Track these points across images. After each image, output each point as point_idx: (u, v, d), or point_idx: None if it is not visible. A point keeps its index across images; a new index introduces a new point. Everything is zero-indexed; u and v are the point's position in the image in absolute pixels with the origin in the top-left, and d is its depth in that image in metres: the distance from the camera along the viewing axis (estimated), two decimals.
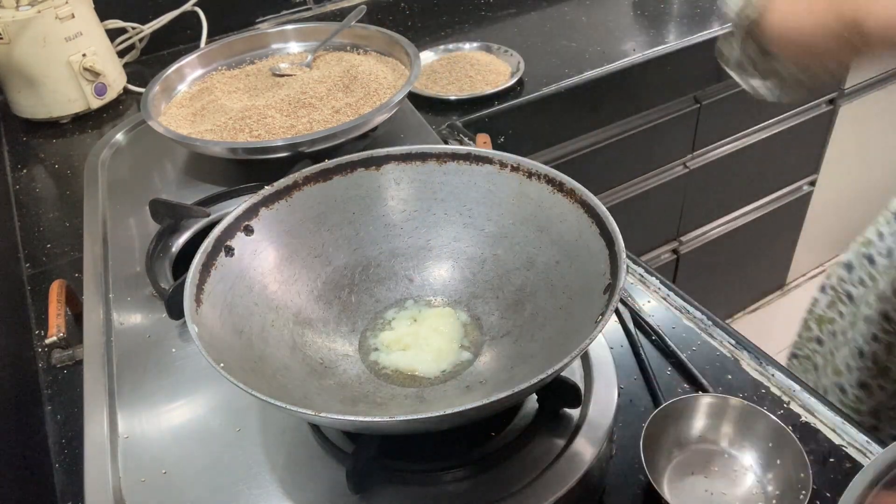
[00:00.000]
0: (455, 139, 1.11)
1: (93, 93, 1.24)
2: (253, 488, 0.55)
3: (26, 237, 1.01)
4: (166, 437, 0.60)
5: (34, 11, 1.16)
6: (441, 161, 0.66)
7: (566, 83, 1.25)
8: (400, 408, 0.56)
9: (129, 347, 0.68)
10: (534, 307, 0.61)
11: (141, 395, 0.64)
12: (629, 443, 0.63)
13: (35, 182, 1.13)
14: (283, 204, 0.63)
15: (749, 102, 1.51)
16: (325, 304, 0.63)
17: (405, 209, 0.67)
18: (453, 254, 0.66)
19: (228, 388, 0.47)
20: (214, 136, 0.91)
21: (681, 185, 1.57)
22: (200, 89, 1.03)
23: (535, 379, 0.45)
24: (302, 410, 0.45)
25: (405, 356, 0.60)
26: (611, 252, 0.55)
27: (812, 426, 0.64)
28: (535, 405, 0.57)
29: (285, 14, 1.55)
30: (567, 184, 0.60)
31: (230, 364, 0.49)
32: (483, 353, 0.60)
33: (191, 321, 0.51)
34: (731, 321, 1.88)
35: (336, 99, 0.94)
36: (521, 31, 1.43)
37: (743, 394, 0.67)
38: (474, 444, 0.55)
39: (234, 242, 0.59)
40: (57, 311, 0.75)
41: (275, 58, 1.10)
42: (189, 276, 0.54)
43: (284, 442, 0.57)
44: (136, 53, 1.43)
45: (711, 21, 1.40)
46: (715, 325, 0.75)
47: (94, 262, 0.79)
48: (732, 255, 1.80)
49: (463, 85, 1.24)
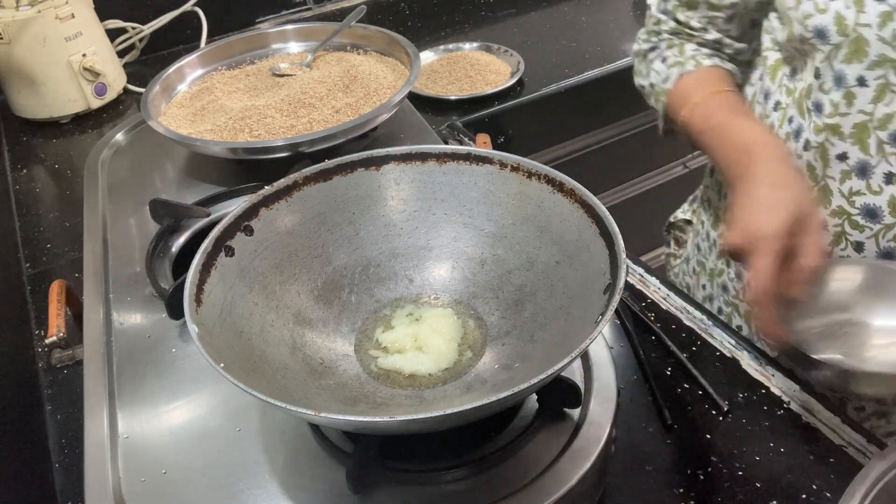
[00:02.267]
0: (455, 139, 1.11)
1: (93, 93, 1.24)
2: (253, 488, 0.55)
3: (26, 237, 1.01)
4: (166, 437, 0.60)
5: (34, 11, 1.16)
6: (441, 161, 0.66)
7: (566, 83, 1.25)
8: (400, 408, 0.56)
9: (129, 347, 0.68)
10: (534, 307, 0.61)
11: (141, 395, 0.64)
12: (629, 443, 0.63)
13: (35, 182, 1.13)
14: (283, 204, 0.63)
15: None
16: (325, 304, 0.63)
17: (405, 209, 0.67)
18: (453, 254, 0.66)
19: (228, 388, 0.47)
20: (214, 136, 0.91)
21: (681, 185, 1.57)
22: (200, 89, 1.03)
23: (535, 379, 0.45)
24: (302, 410, 0.45)
25: (405, 356, 0.60)
26: (611, 252, 0.55)
27: (812, 426, 0.64)
28: (535, 405, 0.57)
29: (285, 14, 1.55)
30: (567, 184, 0.60)
31: (230, 364, 0.49)
32: (483, 354, 0.60)
33: (191, 321, 0.51)
34: None
35: (336, 99, 0.94)
36: (521, 31, 1.43)
37: (743, 394, 0.67)
38: (474, 444, 0.55)
39: (234, 242, 0.59)
40: (57, 311, 0.75)
41: (275, 58, 1.10)
42: (189, 276, 0.54)
43: (284, 442, 0.57)
44: (136, 53, 1.43)
45: None
46: (715, 325, 0.75)
47: (94, 262, 0.79)
48: None
49: (463, 85, 1.24)
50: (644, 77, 0.83)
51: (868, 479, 0.48)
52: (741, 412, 0.66)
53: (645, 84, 0.83)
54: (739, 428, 0.64)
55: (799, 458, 0.62)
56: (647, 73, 0.82)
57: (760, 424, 0.65)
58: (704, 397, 0.67)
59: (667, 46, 0.81)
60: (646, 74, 0.83)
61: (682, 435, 0.64)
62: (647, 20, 0.84)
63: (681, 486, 0.60)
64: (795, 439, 0.63)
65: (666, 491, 0.60)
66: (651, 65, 0.82)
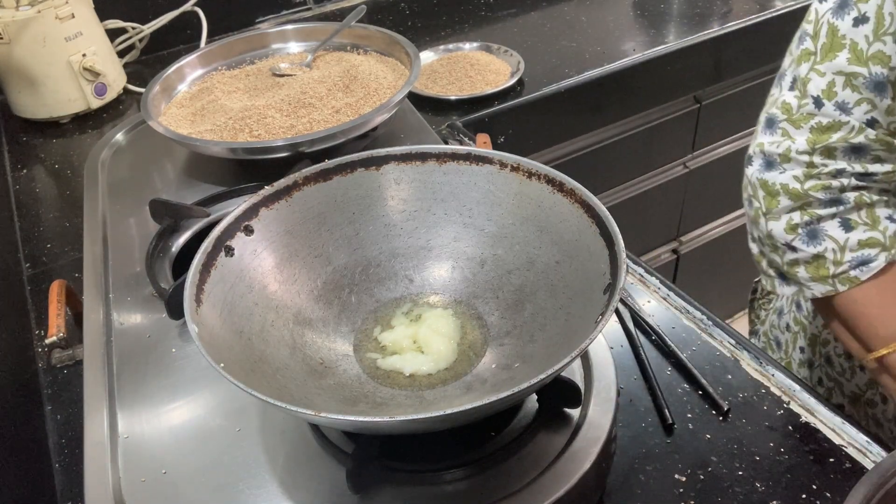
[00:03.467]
0: (455, 139, 1.11)
1: (93, 93, 1.24)
2: (253, 488, 0.55)
3: (26, 237, 1.01)
4: (166, 437, 0.60)
5: (34, 11, 1.16)
6: (441, 161, 0.66)
7: (566, 83, 1.25)
8: (400, 408, 0.56)
9: (129, 347, 0.68)
10: (534, 307, 0.61)
11: (141, 395, 0.64)
12: (629, 443, 0.63)
13: (35, 182, 1.13)
14: (283, 204, 0.63)
15: (749, 102, 1.52)
16: (325, 304, 0.63)
17: (405, 209, 0.67)
18: (453, 254, 0.66)
19: (228, 388, 0.47)
20: (214, 136, 0.91)
21: (681, 185, 1.57)
22: (200, 89, 1.03)
23: (535, 379, 0.45)
24: (302, 410, 0.45)
25: (405, 356, 0.60)
26: (611, 252, 0.54)
27: (812, 426, 0.64)
28: (535, 405, 0.57)
29: (285, 14, 1.55)
30: (567, 184, 0.60)
31: (230, 364, 0.49)
32: (483, 354, 0.60)
33: (191, 321, 0.51)
34: (730, 321, 1.88)
35: (336, 99, 0.94)
36: (521, 31, 1.43)
37: (743, 394, 0.67)
38: (474, 444, 0.55)
39: (234, 242, 0.59)
40: (57, 311, 0.75)
41: (275, 58, 1.10)
42: (189, 276, 0.54)
43: (284, 442, 0.57)
44: (136, 53, 1.43)
45: (711, 21, 1.40)
46: (715, 325, 0.75)
47: (94, 262, 0.79)
48: (732, 255, 1.80)
49: (463, 85, 1.24)
50: (804, 239, 0.62)
51: (873, 481, 0.47)
52: (741, 412, 0.66)
53: (802, 249, 0.63)
54: (739, 428, 0.64)
55: (799, 458, 0.62)
56: (815, 237, 0.63)
57: (760, 424, 0.65)
58: (704, 397, 0.67)
59: (854, 204, 0.62)
60: (809, 238, 0.63)
61: (682, 435, 0.64)
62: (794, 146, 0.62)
63: (681, 486, 0.60)
64: (795, 439, 0.63)
65: (666, 491, 0.60)
66: (823, 227, 0.62)
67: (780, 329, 0.84)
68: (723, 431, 0.64)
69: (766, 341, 0.88)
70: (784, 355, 0.84)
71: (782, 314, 0.83)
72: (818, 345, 0.78)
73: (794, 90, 0.63)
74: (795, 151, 0.63)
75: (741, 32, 1.39)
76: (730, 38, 1.38)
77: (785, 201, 0.64)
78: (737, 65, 1.45)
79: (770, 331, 0.86)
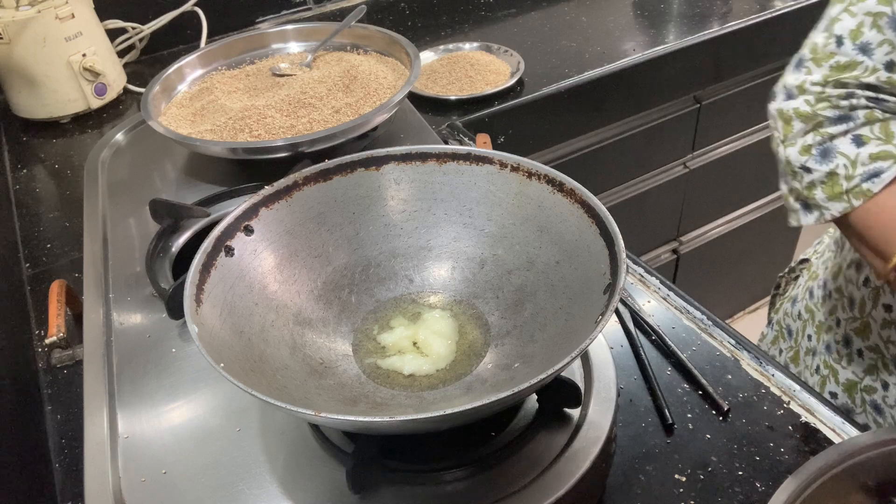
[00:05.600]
0: (455, 139, 1.11)
1: (93, 93, 1.24)
2: (253, 488, 0.55)
3: (26, 237, 1.01)
4: (166, 437, 0.60)
5: (34, 11, 1.16)
6: (441, 161, 0.66)
7: (566, 83, 1.25)
8: (400, 408, 0.56)
9: (129, 347, 0.68)
10: (534, 307, 0.61)
11: (141, 395, 0.64)
12: (629, 443, 0.63)
13: (35, 182, 1.13)
14: (283, 204, 0.63)
15: (749, 102, 1.52)
16: (325, 304, 0.63)
17: (405, 209, 0.67)
18: (453, 254, 0.66)
19: (228, 388, 0.47)
20: (214, 136, 0.91)
21: (681, 185, 1.57)
22: (200, 89, 1.03)
23: (535, 379, 0.45)
24: (302, 410, 0.45)
25: (405, 356, 0.60)
26: (611, 252, 0.55)
27: (812, 426, 0.64)
28: (535, 405, 0.57)
29: (285, 14, 1.55)
30: (567, 184, 0.60)
31: (230, 364, 0.49)
32: (483, 354, 0.60)
33: (191, 321, 0.51)
34: (731, 321, 1.88)
35: (336, 99, 0.94)
36: (521, 31, 1.43)
37: (743, 394, 0.67)
38: (474, 444, 0.55)
39: (234, 242, 0.59)
40: (57, 311, 0.75)
41: (275, 58, 1.10)
42: (189, 276, 0.54)
43: (284, 442, 0.57)
44: (136, 53, 1.43)
45: (711, 21, 1.40)
46: (715, 325, 0.75)
47: (94, 262, 0.79)
48: (732, 255, 1.80)
49: (463, 85, 1.24)
50: (817, 159, 0.63)
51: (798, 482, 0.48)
52: (741, 412, 0.66)
53: (816, 168, 0.63)
54: (739, 428, 0.64)
55: (799, 458, 0.62)
56: (827, 155, 0.63)
57: (760, 424, 0.65)
58: (704, 397, 0.67)
59: (864, 120, 0.63)
60: (821, 157, 0.63)
61: (682, 435, 0.64)
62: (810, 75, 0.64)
63: (681, 486, 0.60)
64: (795, 439, 0.63)
65: (666, 491, 0.60)
66: (835, 144, 0.63)
67: (791, 317, 0.85)
68: (723, 431, 0.64)
69: (778, 330, 0.88)
70: (794, 344, 0.84)
71: (796, 302, 0.84)
72: (822, 332, 0.79)
73: (826, 32, 0.66)
74: (810, 83, 0.65)
75: (741, 32, 1.39)
76: (730, 38, 1.38)
77: (798, 125, 0.65)
78: (737, 65, 1.45)
79: (783, 319, 0.87)
